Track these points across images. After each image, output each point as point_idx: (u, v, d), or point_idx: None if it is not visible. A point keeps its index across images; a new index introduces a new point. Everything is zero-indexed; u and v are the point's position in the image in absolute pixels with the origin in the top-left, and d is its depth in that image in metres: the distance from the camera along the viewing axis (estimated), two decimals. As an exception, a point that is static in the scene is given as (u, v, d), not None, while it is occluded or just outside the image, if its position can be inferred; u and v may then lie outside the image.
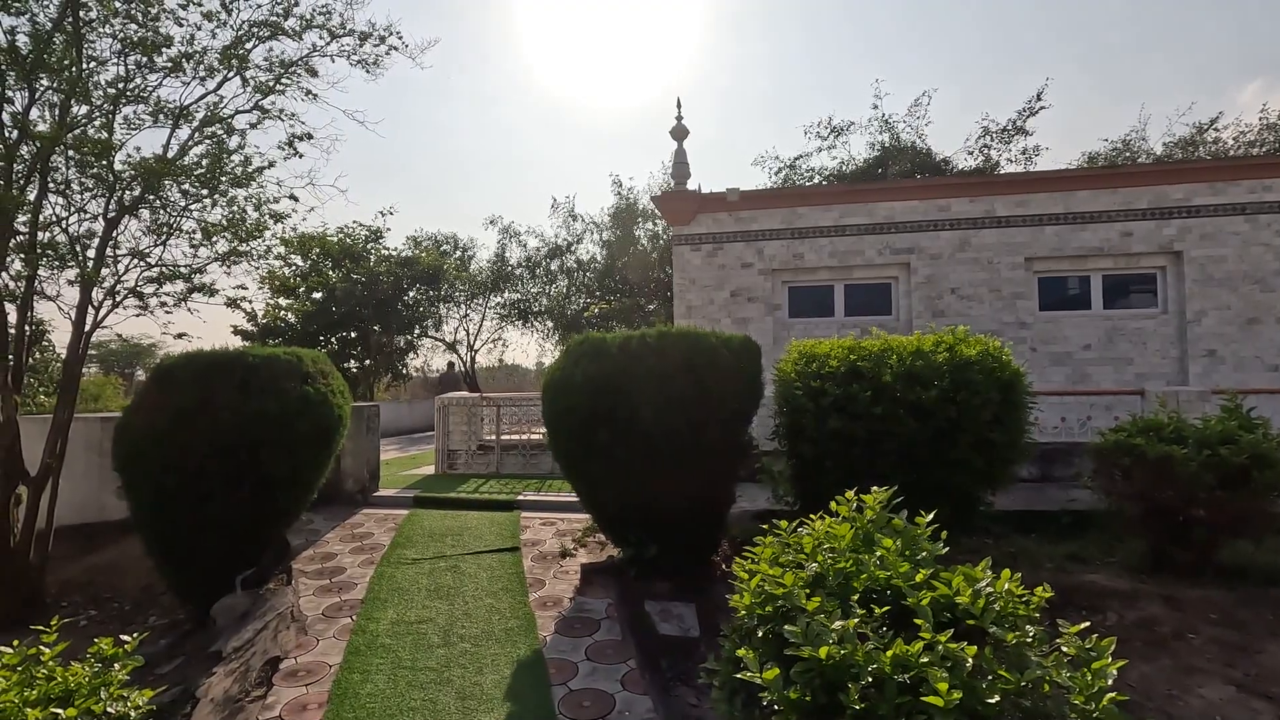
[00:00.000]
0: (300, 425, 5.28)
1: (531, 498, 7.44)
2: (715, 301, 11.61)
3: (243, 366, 5.18)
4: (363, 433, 7.83)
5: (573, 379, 4.90)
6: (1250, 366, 9.88)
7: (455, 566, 5.38)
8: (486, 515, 6.91)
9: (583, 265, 27.11)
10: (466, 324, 27.24)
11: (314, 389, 5.46)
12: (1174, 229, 10.25)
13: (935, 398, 4.27)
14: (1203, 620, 4.33)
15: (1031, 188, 10.66)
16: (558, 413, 5.03)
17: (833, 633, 2.06)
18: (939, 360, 4.46)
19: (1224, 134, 20.60)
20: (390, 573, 5.26)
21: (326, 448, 5.66)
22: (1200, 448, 4.68)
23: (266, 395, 5.17)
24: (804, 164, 22.86)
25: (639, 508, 4.91)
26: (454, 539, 6.09)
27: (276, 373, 5.30)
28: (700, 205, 11.70)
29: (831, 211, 11.30)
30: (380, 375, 22.14)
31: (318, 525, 6.71)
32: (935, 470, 4.34)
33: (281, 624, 4.42)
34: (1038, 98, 19.22)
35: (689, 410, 4.70)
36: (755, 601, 2.40)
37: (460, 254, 26.51)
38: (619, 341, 4.92)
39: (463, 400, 10.04)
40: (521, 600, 4.73)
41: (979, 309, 10.71)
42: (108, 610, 5.80)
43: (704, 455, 4.87)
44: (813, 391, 4.67)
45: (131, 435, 4.99)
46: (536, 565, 5.43)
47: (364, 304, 19.27)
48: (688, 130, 12.09)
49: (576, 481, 5.24)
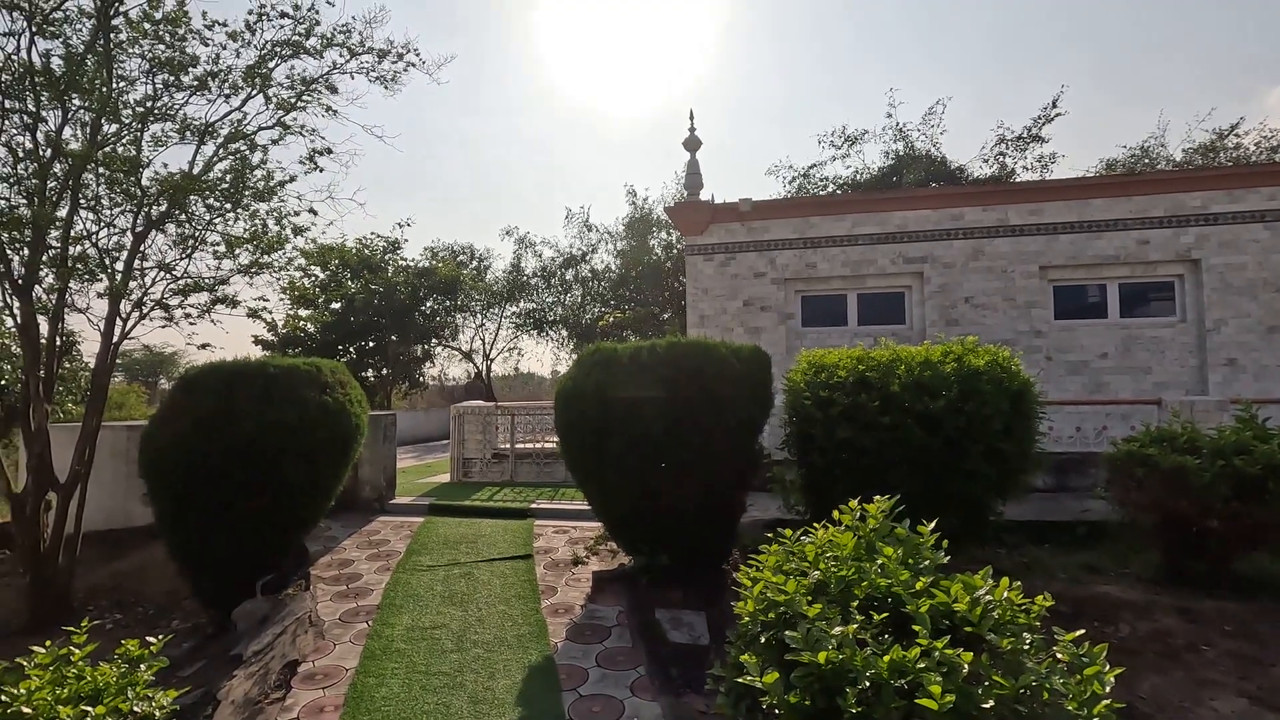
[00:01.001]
0: (319, 434, 5.41)
1: (545, 506, 7.52)
2: (728, 311, 11.66)
3: (264, 376, 5.32)
4: (380, 441, 7.96)
5: (584, 389, 4.98)
6: (1272, 375, 9.74)
7: (469, 573, 5.47)
8: (500, 523, 6.99)
9: (597, 275, 27.30)
10: (483, 333, 27.53)
11: (333, 398, 5.59)
12: (1191, 237, 10.16)
13: (943, 408, 4.29)
14: (1217, 632, 4.30)
15: (1045, 196, 10.62)
16: (570, 422, 5.11)
17: (832, 638, 2.10)
18: (947, 370, 4.48)
19: (1246, 139, 20.37)
20: (406, 579, 5.36)
21: (344, 456, 5.78)
22: (1214, 458, 4.65)
23: (286, 404, 5.30)
24: (818, 173, 22.93)
25: (650, 516, 4.97)
26: (468, 546, 6.18)
27: (296, 382, 5.44)
28: (713, 216, 11.77)
29: (844, 221, 11.33)
30: (397, 384, 22.41)
31: (335, 532, 6.84)
32: (946, 480, 4.35)
33: (300, 628, 4.52)
34: (1053, 104, 19.14)
35: (699, 419, 4.76)
36: (759, 608, 2.45)
37: (477, 264, 26.81)
38: (629, 352, 4.99)
39: (478, 409, 10.16)
40: (534, 607, 4.80)
41: (993, 318, 10.67)
42: (133, 614, 5.94)
43: (715, 464, 4.92)
44: (821, 401, 4.71)
45: (156, 443, 5.14)
46: (549, 572, 5.50)
47: (382, 314, 19.57)
48: (700, 141, 12.19)
49: (588, 490, 5.31)
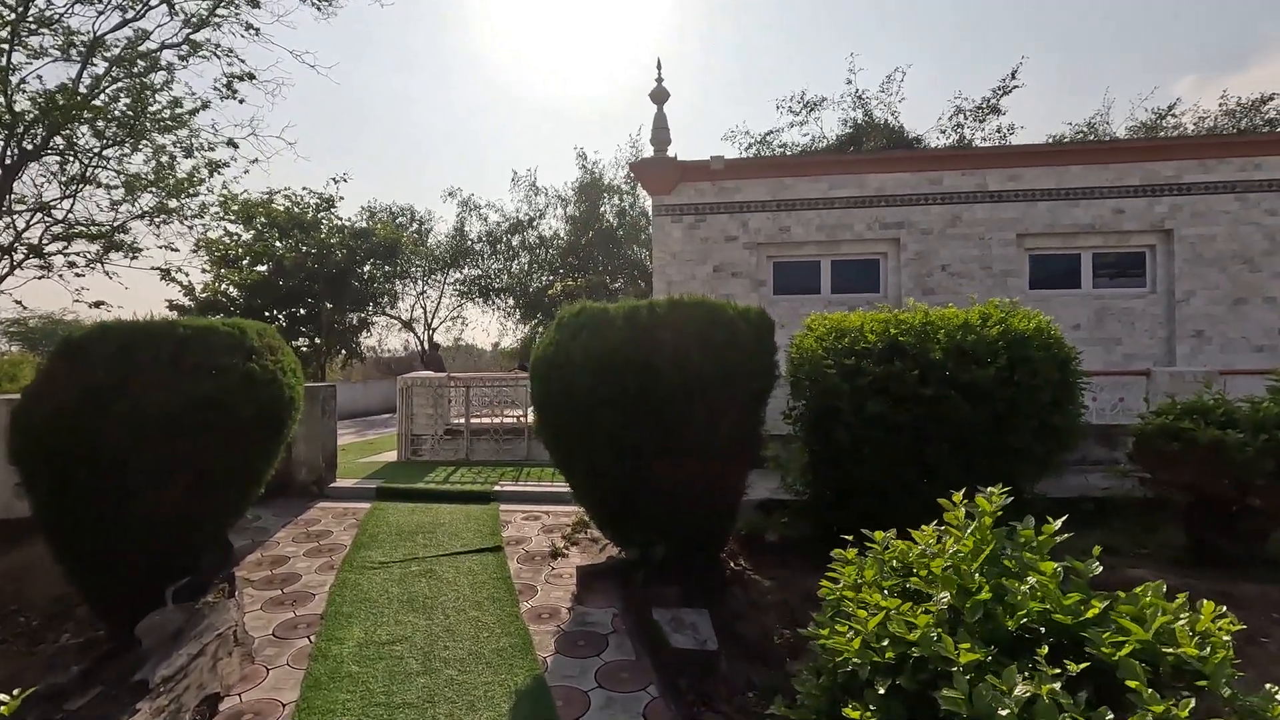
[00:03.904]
0: (244, 409, 4.47)
1: (510, 488, 6.75)
2: (697, 277, 10.99)
3: (173, 339, 4.33)
4: (318, 416, 6.99)
5: (570, 356, 4.22)
6: (1236, 347, 9.80)
7: (430, 571, 4.69)
8: (461, 508, 6.19)
9: (545, 241, 26.20)
10: (424, 301, 26.07)
11: (260, 366, 4.64)
12: (1165, 206, 10.06)
13: (993, 378, 3.75)
14: (1267, 620, 3.96)
15: (1025, 161, 10.32)
16: (552, 394, 4.35)
17: (1011, 701, 1.48)
18: (992, 335, 3.94)
19: (1184, 119, 20.91)
20: (354, 580, 4.54)
21: (276, 434, 4.85)
22: (1257, 432, 4.30)
23: (202, 373, 4.34)
24: (775, 140, 22.41)
25: (647, 503, 4.30)
26: (426, 537, 5.38)
27: (215, 347, 4.46)
28: (682, 174, 11.02)
29: (820, 183, 10.77)
30: (333, 354, 20.90)
31: (266, 522, 5.90)
32: (990, 460, 3.83)
33: (222, 648, 3.66)
34: (1012, 76, 19.09)
35: (708, 391, 4.09)
36: (873, 646, 1.81)
37: (418, 227, 25.27)
38: (624, 312, 4.26)
39: (428, 380, 9.22)
40: (512, 612, 4.08)
41: (970, 287, 10.35)
42: (12, 625, 4.91)
43: (722, 441, 4.27)
44: (847, 370, 4.11)
45: (31, 420, 4.10)
46: (524, 568, 4.78)
47: (315, 278, 18.02)
48: (668, 93, 11.35)
49: (572, 472, 4.58)
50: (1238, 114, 19.88)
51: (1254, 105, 19.60)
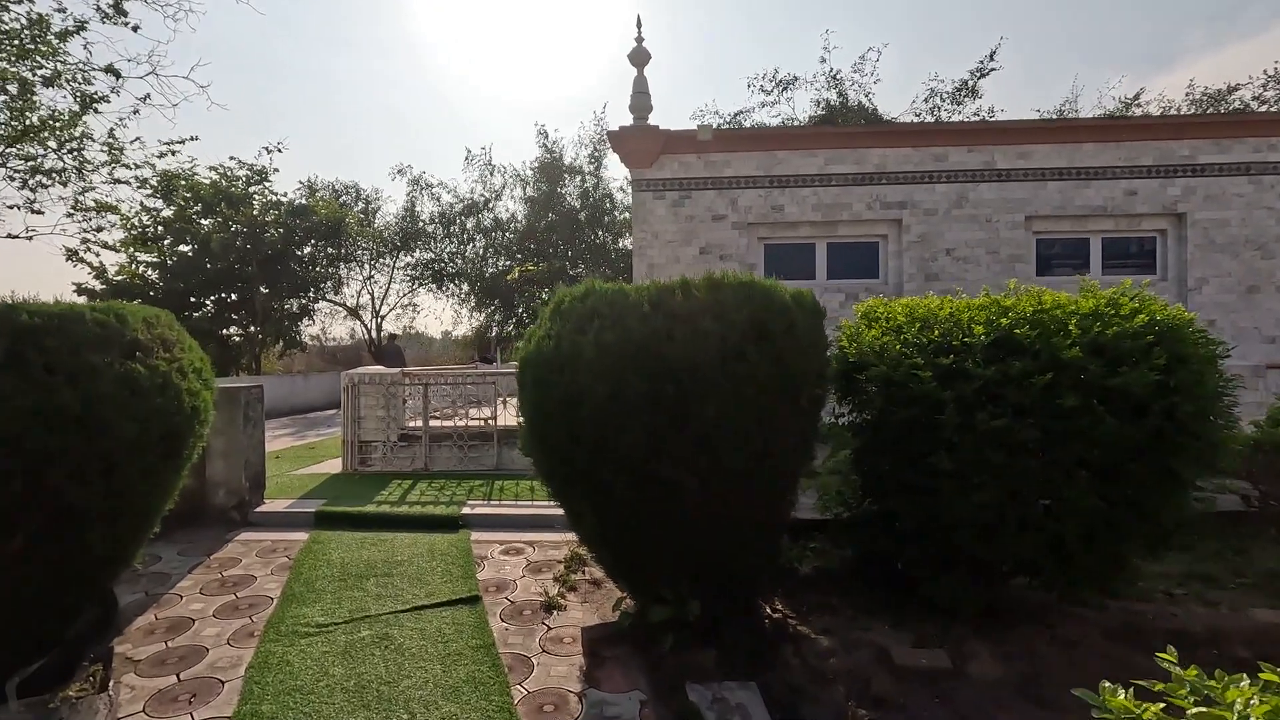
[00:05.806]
0: (121, 426, 3.23)
1: (483, 510, 5.59)
2: (681, 259, 9.93)
3: (10, 330, 3.06)
4: (239, 425, 5.68)
5: (578, 354, 3.13)
6: (1248, 338, 9.32)
7: (386, 637, 3.53)
8: (423, 538, 5.02)
9: (501, 224, 24.72)
10: (371, 286, 24.28)
11: (146, 367, 3.40)
12: (1178, 189, 9.48)
13: (1152, 385, 2.82)
14: None
15: (1035, 138, 9.58)
16: (552, 402, 3.24)
17: None
18: (1136, 326, 3.01)
19: (1150, 109, 20.86)
20: (281, 655, 3.35)
21: (172, 456, 3.61)
22: None
23: (59, 378, 3.08)
24: (745, 120, 21.49)
25: (681, 549, 3.26)
26: (379, 583, 4.21)
27: (77, 341, 3.20)
28: (665, 145, 9.91)
29: (816, 157, 9.82)
30: (269, 344, 19.08)
31: (168, 564, 4.62)
32: (1141, 490, 2.92)
33: (75, 790, 2.47)
34: (990, 57, 18.55)
35: (765, 399, 3.06)
36: None
37: (364, 206, 23.42)
38: (651, 296, 3.18)
39: (378, 377, 7.92)
40: (501, 703, 2.96)
41: (976, 272, 9.62)
42: None
43: (776, 463, 3.27)
44: (945, 372, 3.13)
45: None
46: (512, 628, 3.67)
47: (247, 259, 16.23)
48: (649, 54, 10.19)
49: (577, 507, 3.49)
50: (1204, 103, 19.88)
51: (1220, 95, 19.62)
